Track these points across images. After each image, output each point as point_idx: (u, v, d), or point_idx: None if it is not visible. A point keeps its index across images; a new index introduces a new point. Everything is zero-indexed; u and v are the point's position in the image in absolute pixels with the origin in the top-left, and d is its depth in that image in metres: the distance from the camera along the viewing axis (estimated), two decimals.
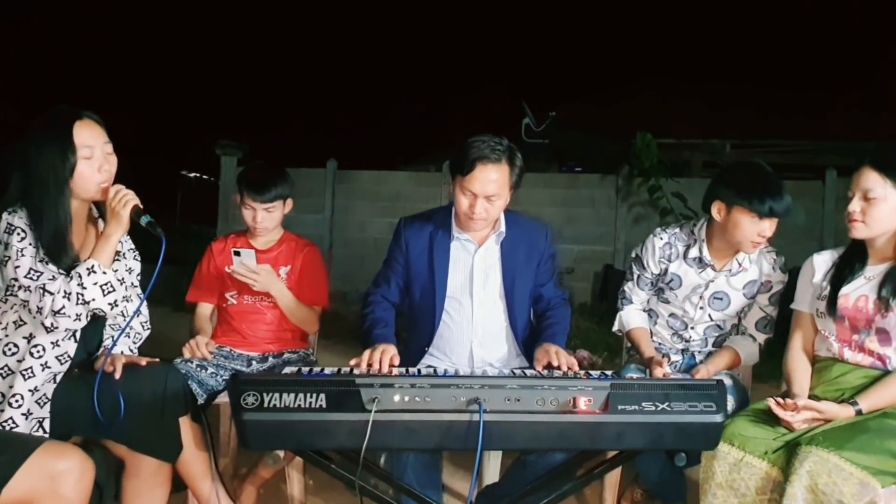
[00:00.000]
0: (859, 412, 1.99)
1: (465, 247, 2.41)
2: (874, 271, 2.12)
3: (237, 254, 2.53)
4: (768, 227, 2.28)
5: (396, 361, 2.05)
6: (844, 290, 2.14)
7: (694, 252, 2.44)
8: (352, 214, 8.55)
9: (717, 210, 2.33)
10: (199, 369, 2.51)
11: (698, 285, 2.45)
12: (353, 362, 2.02)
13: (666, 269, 2.49)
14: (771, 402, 1.99)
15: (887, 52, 10.77)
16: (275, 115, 17.30)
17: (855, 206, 2.09)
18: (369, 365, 2.00)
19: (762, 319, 2.45)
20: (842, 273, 2.16)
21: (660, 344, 2.57)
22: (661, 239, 2.49)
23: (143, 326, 2.27)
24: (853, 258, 2.17)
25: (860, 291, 2.12)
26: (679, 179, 7.09)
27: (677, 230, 2.52)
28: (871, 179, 2.05)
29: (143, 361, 2.10)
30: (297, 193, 2.82)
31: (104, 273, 1.95)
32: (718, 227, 2.36)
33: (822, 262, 2.24)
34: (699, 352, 2.53)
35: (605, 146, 9.19)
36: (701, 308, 2.47)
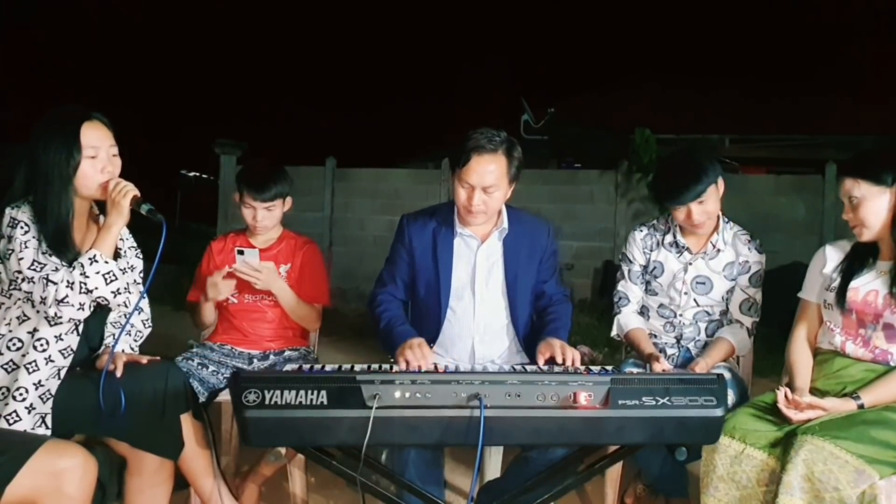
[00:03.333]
0: (861, 406, 2.00)
1: (467, 243, 2.41)
2: (885, 266, 2.13)
3: (240, 252, 2.53)
4: (693, 210, 2.38)
5: (430, 357, 2.05)
6: (855, 282, 2.14)
7: (669, 237, 2.55)
8: (351, 212, 8.54)
9: None
10: (200, 367, 2.52)
11: (679, 270, 2.52)
12: (401, 366, 2.00)
13: (649, 259, 2.58)
14: (780, 395, 2.00)
15: (886, 47, 10.77)
16: (273, 113, 17.29)
17: (847, 214, 2.15)
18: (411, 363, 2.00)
19: (745, 302, 2.49)
20: (853, 266, 2.18)
21: (655, 337, 2.58)
22: (641, 231, 2.62)
23: (144, 324, 2.28)
24: (866, 252, 2.18)
25: (871, 286, 2.13)
26: None
27: (654, 222, 2.65)
28: (847, 185, 2.12)
29: (144, 360, 2.11)
30: (297, 192, 2.82)
31: (106, 262, 1.98)
32: None
33: (834, 253, 2.25)
34: (695, 340, 2.54)
35: (604, 142, 9.20)
36: (685, 293, 2.51)
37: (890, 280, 2.09)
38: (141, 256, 2.24)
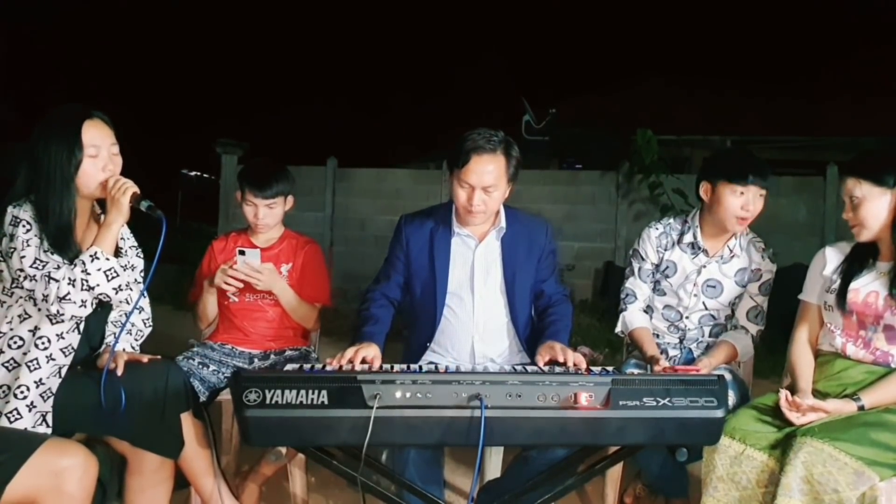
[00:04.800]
0: (861, 408, 2.00)
1: (465, 242, 2.41)
2: (885, 267, 2.13)
3: (241, 252, 2.53)
4: (750, 199, 2.36)
5: (376, 364, 2.00)
6: (855, 284, 2.14)
7: (688, 238, 2.52)
8: (352, 212, 8.54)
9: (704, 191, 2.45)
10: (200, 366, 2.53)
11: (692, 271, 2.50)
12: (329, 360, 1.98)
13: (662, 258, 2.55)
14: (782, 397, 2.00)
15: (887, 48, 10.77)
16: (274, 112, 17.30)
17: (848, 213, 2.15)
18: (350, 361, 1.98)
19: (753, 309, 2.49)
20: (853, 267, 2.17)
21: (658, 337, 2.58)
22: (657, 229, 2.59)
23: (144, 323, 2.28)
24: (866, 253, 2.18)
25: (871, 287, 2.12)
26: (679, 176, 7.08)
27: (671, 220, 2.61)
28: (850, 184, 2.11)
29: (145, 359, 2.12)
30: (298, 191, 2.83)
31: (107, 259, 1.99)
32: (707, 209, 2.46)
33: (833, 255, 2.25)
34: (698, 342, 2.55)
35: (606, 143, 9.19)
36: (695, 295, 2.51)
37: (890, 281, 2.09)
38: (141, 256, 2.25)
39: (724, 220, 2.40)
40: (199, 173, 17.91)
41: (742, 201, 2.35)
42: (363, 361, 1.99)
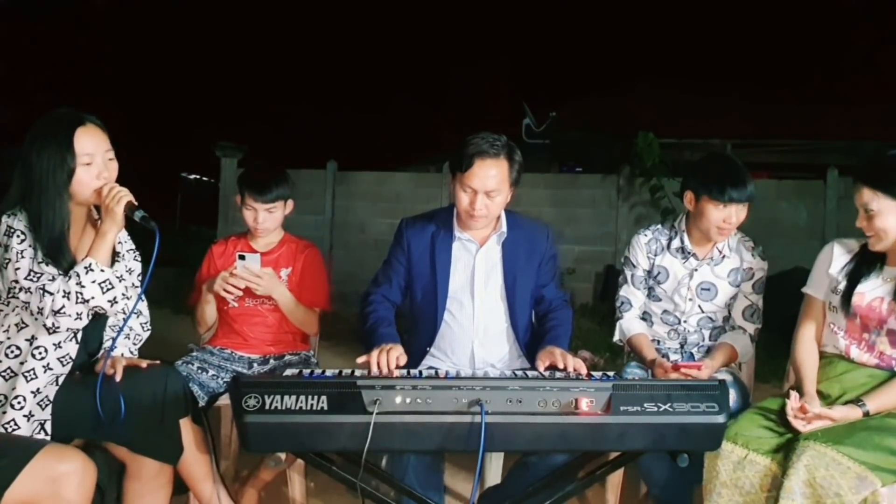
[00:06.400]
0: (866, 413, 2.00)
1: (466, 247, 2.41)
2: (892, 273, 2.12)
3: (241, 257, 2.52)
4: (733, 213, 2.37)
5: (403, 361, 2.04)
6: (860, 288, 2.13)
7: (676, 243, 2.53)
8: (352, 215, 8.54)
9: (688, 200, 2.48)
10: (199, 371, 2.52)
11: (684, 275, 2.51)
12: (360, 360, 2.01)
13: (653, 264, 2.56)
14: (790, 402, 1.98)
15: (887, 52, 10.78)
16: (274, 115, 17.30)
17: (861, 222, 2.12)
18: (378, 366, 1.99)
19: (748, 308, 2.49)
20: (859, 269, 2.16)
21: (658, 343, 2.57)
22: (646, 236, 2.59)
23: (143, 328, 2.27)
24: (874, 257, 2.16)
25: (876, 292, 2.11)
26: (680, 179, 7.06)
27: (659, 226, 2.62)
28: (866, 195, 2.08)
29: (144, 363, 2.10)
30: (298, 195, 2.82)
31: (102, 271, 1.95)
32: (692, 216, 2.48)
33: (841, 252, 2.23)
34: (699, 346, 2.54)
35: (606, 146, 9.18)
36: (690, 300, 2.51)
37: (894, 288, 2.08)
38: (139, 259, 2.23)
39: (708, 230, 2.42)
40: (198, 176, 17.91)
41: (724, 215, 2.36)
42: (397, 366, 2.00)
